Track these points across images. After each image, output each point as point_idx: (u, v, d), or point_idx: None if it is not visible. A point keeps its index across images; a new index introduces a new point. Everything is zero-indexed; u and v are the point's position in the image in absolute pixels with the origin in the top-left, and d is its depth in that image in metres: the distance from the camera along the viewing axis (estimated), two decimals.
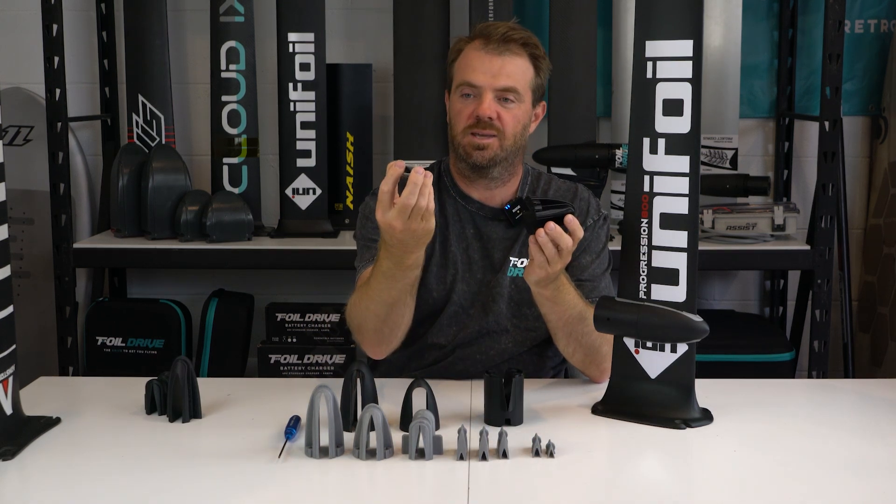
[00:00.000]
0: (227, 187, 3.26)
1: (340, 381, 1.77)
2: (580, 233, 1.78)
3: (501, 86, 1.98)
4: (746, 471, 1.59)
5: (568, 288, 1.90)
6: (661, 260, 1.79)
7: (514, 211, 1.80)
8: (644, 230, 1.80)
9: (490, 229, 2.09)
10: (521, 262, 2.05)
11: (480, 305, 2.07)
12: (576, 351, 1.96)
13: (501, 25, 2.02)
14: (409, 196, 1.69)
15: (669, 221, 1.78)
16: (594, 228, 2.09)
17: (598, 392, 1.89)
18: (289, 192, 3.24)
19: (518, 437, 1.67)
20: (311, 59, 3.20)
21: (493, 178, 2.04)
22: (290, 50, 3.20)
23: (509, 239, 2.08)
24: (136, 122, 3.29)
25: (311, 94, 3.21)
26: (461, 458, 1.59)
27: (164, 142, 3.29)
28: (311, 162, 3.23)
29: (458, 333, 2.07)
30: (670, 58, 1.75)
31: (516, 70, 2.00)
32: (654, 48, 1.77)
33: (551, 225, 1.75)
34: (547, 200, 1.79)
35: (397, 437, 1.64)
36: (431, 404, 1.73)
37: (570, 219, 1.77)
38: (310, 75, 3.20)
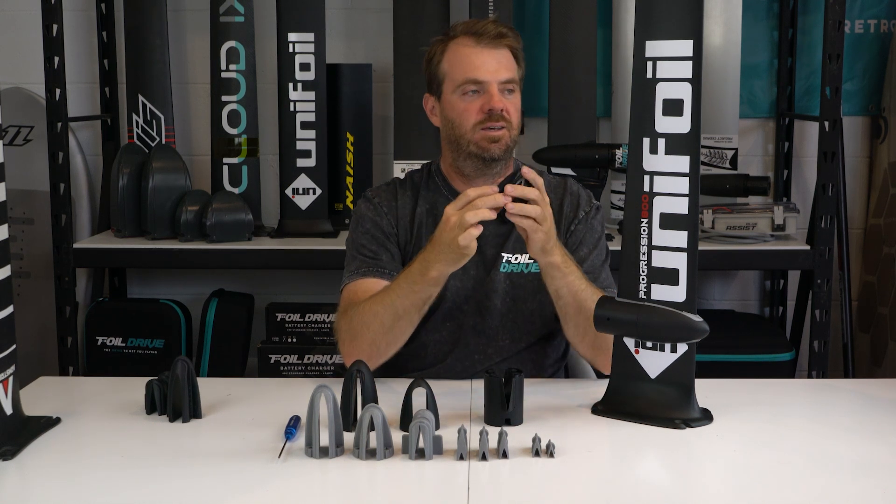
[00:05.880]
0: (227, 187, 3.26)
1: (340, 381, 1.77)
2: (540, 180, 1.85)
3: (504, 78, 2.04)
4: (746, 471, 1.59)
5: (571, 257, 1.95)
6: (660, 260, 1.79)
7: None
8: (644, 230, 1.80)
9: (482, 226, 2.09)
10: (515, 259, 2.07)
11: (475, 303, 2.08)
12: (586, 333, 1.94)
13: (489, 23, 2.07)
14: (476, 190, 1.82)
15: (669, 221, 1.78)
16: (587, 220, 2.12)
17: (598, 392, 1.89)
18: (289, 192, 3.24)
19: (518, 437, 1.66)
20: (311, 59, 3.20)
21: (496, 172, 2.08)
22: (290, 50, 3.20)
23: (501, 235, 2.10)
24: (136, 122, 3.29)
25: (311, 94, 3.21)
26: (461, 458, 1.59)
27: (164, 142, 3.29)
28: (311, 162, 3.23)
29: (455, 331, 2.08)
30: (670, 58, 1.75)
31: (510, 63, 2.06)
32: (654, 48, 1.77)
33: (509, 186, 1.81)
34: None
35: (397, 437, 1.64)
36: (431, 404, 1.73)
37: (525, 170, 1.86)
38: (310, 75, 3.20)
